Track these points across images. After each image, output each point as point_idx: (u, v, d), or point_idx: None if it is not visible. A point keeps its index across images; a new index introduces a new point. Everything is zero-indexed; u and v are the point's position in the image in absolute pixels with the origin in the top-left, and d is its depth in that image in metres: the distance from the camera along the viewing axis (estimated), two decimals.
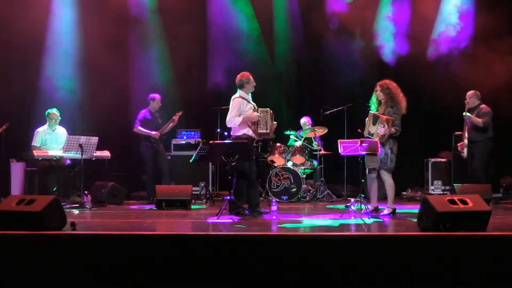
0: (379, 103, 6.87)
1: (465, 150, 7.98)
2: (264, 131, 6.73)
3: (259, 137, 6.95)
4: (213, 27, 10.41)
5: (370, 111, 6.75)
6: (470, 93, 8.13)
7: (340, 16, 10.02)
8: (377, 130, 6.60)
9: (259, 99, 7.10)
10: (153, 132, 8.60)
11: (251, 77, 6.86)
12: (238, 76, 6.90)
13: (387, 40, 10.09)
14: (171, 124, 8.81)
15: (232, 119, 6.70)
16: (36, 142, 8.11)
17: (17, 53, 9.37)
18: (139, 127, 8.63)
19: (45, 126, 8.23)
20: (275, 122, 7.03)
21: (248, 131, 6.76)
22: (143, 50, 10.13)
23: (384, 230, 5.76)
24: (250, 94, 6.93)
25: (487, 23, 9.22)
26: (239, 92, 6.85)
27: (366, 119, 6.84)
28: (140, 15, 10.09)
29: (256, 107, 6.84)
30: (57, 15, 9.72)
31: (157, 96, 8.85)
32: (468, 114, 7.88)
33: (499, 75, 9.02)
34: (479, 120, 7.86)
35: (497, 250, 4.44)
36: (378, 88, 6.85)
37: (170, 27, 10.01)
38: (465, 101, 8.08)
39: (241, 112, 6.71)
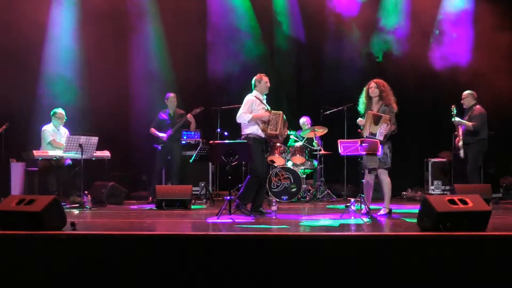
0: (370, 101, 6.84)
1: (461, 152, 8.00)
2: (274, 132, 6.71)
3: (269, 138, 6.91)
4: (213, 28, 10.41)
5: (368, 111, 6.74)
6: (465, 93, 8.14)
7: (341, 16, 10.04)
8: (380, 130, 6.59)
9: None
10: (161, 134, 8.55)
11: (264, 78, 6.89)
12: (254, 77, 6.98)
13: (388, 40, 10.10)
14: (191, 124, 8.62)
15: (243, 115, 6.71)
16: (50, 136, 8.05)
17: (17, 53, 9.36)
18: (151, 128, 8.62)
19: (50, 125, 8.21)
20: (288, 131, 7.00)
21: (257, 130, 6.76)
22: (143, 50, 10.13)
23: (384, 230, 5.76)
24: (265, 96, 6.94)
25: (487, 22, 9.23)
26: (253, 92, 6.92)
27: (359, 120, 6.81)
28: (139, 15, 10.10)
29: (269, 109, 6.85)
30: (56, 15, 9.73)
31: (168, 94, 8.75)
32: (457, 119, 7.89)
33: (499, 75, 9.02)
34: (469, 124, 7.88)
35: (497, 250, 4.44)
36: (373, 85, 6.82)
37: (170, 27, 10.01)
38: (461, 101, 8.11)
39: (252, 111, 6.74)
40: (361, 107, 6.93)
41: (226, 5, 10.35)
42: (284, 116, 6.87)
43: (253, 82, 6.95)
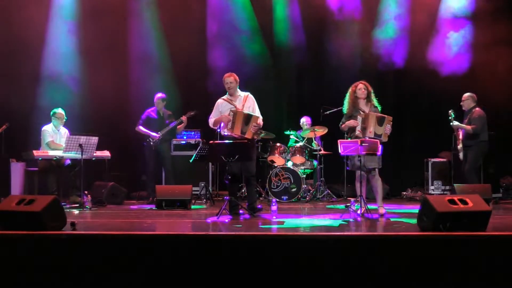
0: (357, 102, 6.81)
1: (461, 154, 8.03)
2: (230, 132, 6.70)
3: (239, 137, 6.74)
4: (213, 27, 10.40)
5: (370, 112, 6.72)
6: (465, 95, 8.15)
7: (341, 16, 10.04)
8: (385, 131, 6.59)
9: (259, 98, 7.09)
10: (153, 133, 8.57)
11: (225, 79, 6.86)
12: None
13: (388, 39, 10.10)
14: (182, 124, 8.68)
15: (209, 120, 6.93)
16: (49, 138, 8.06)
17: (17, 53, 9.37)
18: (140, 127, 8.62)
19: (50, 125, 8.21)
20: (252, 126, 6.68)
21: (227, 132, 6.84)
22: (143, 50, 10.12)
23: (384, 230, 5.76)
24: (242, 94, 6.89)
25: (488, 22, 9.23)
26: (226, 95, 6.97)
27: (350, 122, 6.76)
28: (139, 14, 10.10)
29: (236, 108, 6.77)
30: (57, 15, 9.74)
31: (159, 96, 8.73)
32: (455, 123, 7.92)
33: (499, 75, 9.02)
34: (469, 127, 7.90)
35: (497, 250, 4.44)
36: (361, 86, 6.82)
37: (170, 26, 10.00)
38: (461, 103, 8.12)
39: (220, 113, 6.83)
40: (345, 108, 6.90)
41: (226, 5, 10.34)
42: (248, 112, 6.68)
43: None
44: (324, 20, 10.12)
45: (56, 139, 8.15)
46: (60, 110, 8.23)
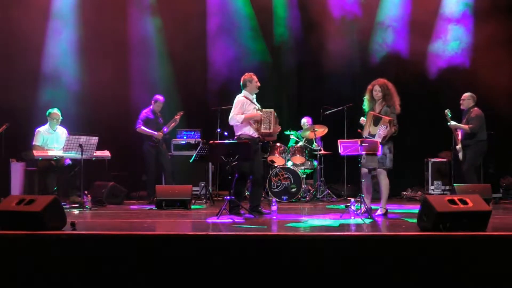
0: (373, 101, 6.82)
1: (460, 154, 8.06)
2: (267, 130, 6.72)
3: (262, 137, 6.89)
4: (213, 26, 10.40)
5: (369, 112, 6.73)
6: (465, 95, 8.17)
7: (341, 15, 10.04)
8: (379, 132, 6.58)
9: (259, 99, 7.10)
10: (156, 132, 8.61)
11: (254, 77, 6.87)
12: (243, 76, 6.93)
13: (388, 39, 10.10)
14: (173, 123, 8.81)
15: (235, 117, 6.71)
16: (37, 141, 8.10)
17: (17, 52, 9.36)
18: (142, 127, 8.64)
19: (46, 126, 8.22)
20: (279, 126, 7.02)
21: (249, 130, 6.76)
22: (143, 49, 10.13)
23: (384, 230, 5.76)
24: (254, 95, 6.93)
25: (487, 22, 9.23)
26: (243, 92, 6.89)
27: (361, 119, 6.80)
28: (138, 14, 10.11)
29: (260, 108, 6.85)
30: (56, 14, 9.74)
31: (160, 98, 8.82)
32: (453, 123, 7.97)
33: (500, 74, 9.02)
34: (466, 127, 7.95)
35: (497, 250, 4.44)
36: (377, 88, 6.78)
37: (170, 25, 10.00)
38: (460, 102, 8.14)
39: (244, 111, 6.73)
40: (365, 106, 6.92)
41: (226, 5, 10.34)
42: (275, 113, 6.84)
43: (243, 81, 6.88)
44: (324, 20, 10.11)
45: (53, 140, 8.16)
46: (55, 110, 8.21)
